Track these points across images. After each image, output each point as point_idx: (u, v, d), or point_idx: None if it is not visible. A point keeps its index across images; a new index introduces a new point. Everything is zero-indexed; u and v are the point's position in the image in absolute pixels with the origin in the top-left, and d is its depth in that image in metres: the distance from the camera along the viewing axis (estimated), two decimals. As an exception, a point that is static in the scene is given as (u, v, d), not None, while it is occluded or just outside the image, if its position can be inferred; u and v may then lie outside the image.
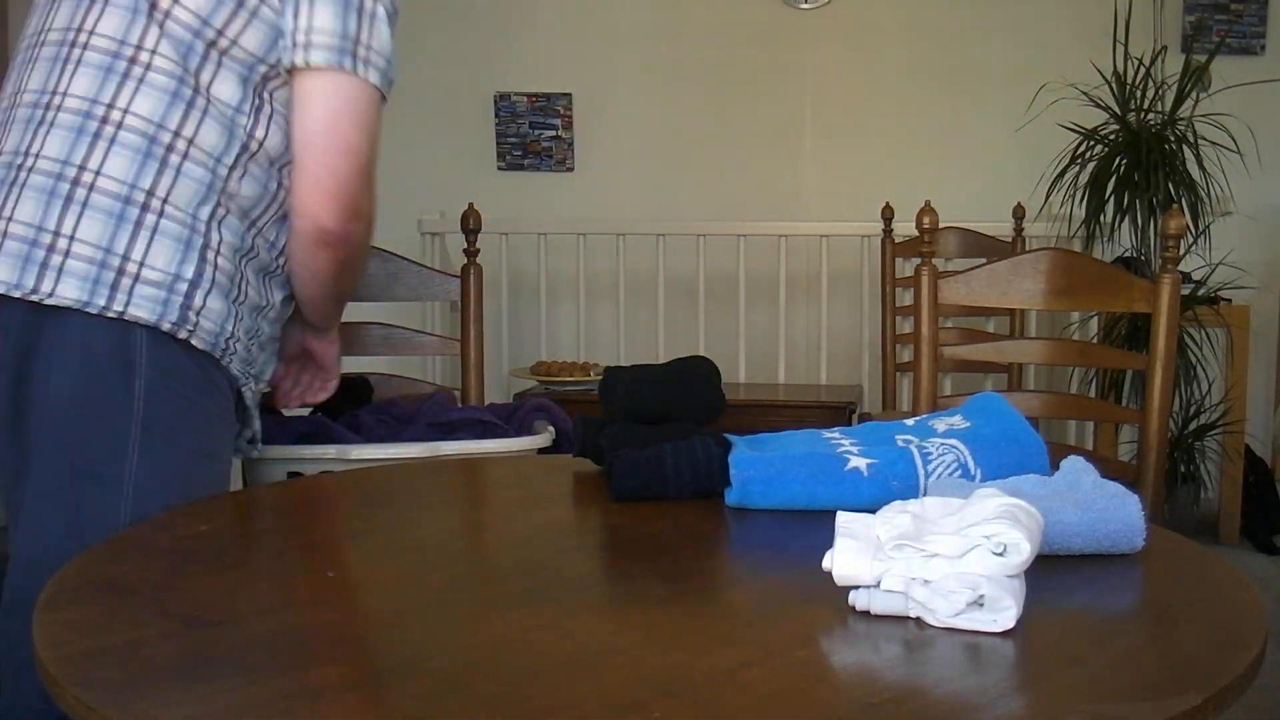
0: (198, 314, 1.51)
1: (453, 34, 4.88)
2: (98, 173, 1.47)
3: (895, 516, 1.12)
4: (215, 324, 1.54)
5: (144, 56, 1.49)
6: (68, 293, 1.45)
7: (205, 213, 1.51)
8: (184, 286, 1.49)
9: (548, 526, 1.46)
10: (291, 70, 1.51)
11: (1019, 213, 3.92)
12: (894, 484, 1.37)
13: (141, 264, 1.47)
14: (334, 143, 1.51)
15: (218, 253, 1.52)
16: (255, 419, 1.71)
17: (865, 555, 1.08)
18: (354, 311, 2.51)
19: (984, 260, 2.43)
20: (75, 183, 1.46)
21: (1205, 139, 3.87)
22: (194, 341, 1.51)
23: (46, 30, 1.55)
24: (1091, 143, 3.94)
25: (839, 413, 3.85)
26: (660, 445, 1.45)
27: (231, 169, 1.53)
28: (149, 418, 1.48)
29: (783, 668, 0.99)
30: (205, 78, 1.50)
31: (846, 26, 4.75)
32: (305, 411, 2.14)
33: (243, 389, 1.64)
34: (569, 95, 4.88)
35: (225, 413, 1.61)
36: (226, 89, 1.51)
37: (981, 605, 1.03)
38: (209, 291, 1.52)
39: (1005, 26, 4.63)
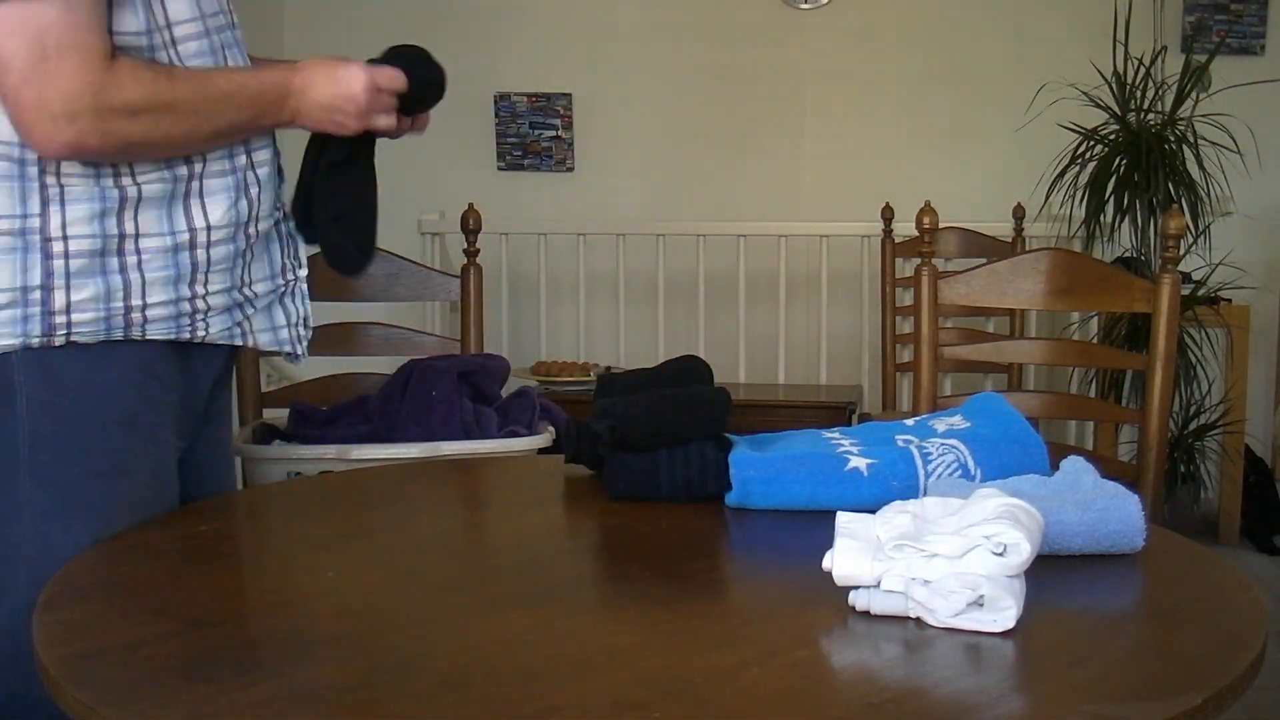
0: (68, 312, 1.36)
1: (453, 34, 4.87)
2: None
3: (895, 516, 1.12)
4: (101, 308, 1.38)
5: None
6: None
7: (34, 205, 1.35)
8: (37, 294, 1.35)
9: (547, 527, 1.46)
10: None
11: (1019, 213, 3.92)
12: (894, 484, 1.37)
13: None
14: None
15: (65, 238, 1.36)
16: (258, 339, 1.54)
17: (865, 555, 1.08)
18: (354, 311, 2.52)
19: (984, 260, 2.43)
20: None
21: (1205, 139, 3.87)
22: (78, 339, 1.37)
23: None
24: (1091, 143, 3.94)
25: (839, 413, 3.85)
26: (658, 450, 1.44)
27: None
28: (35, 438, 1.37)
29: (783, 668, 0.99)
30: None
31: (846, 26, 4.75)
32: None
33: (197, 340, 1.46)
34: (569, 95, 4.88)
35: (140, 386, 1.43)
36: None
37: (981, 605, 1.03)
38: (68, 284, 1.36)
39: (1005, 26, 4.63)
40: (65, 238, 1.36)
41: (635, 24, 4.85)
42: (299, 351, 1.59)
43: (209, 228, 1.44)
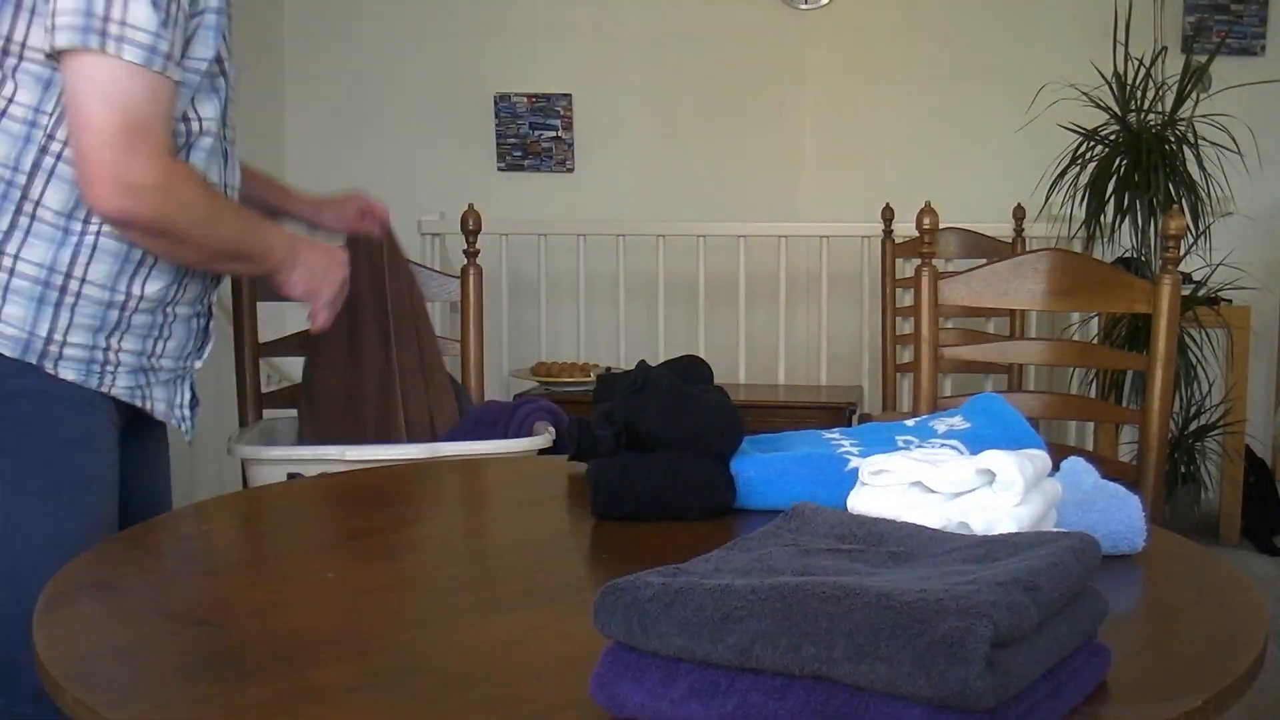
0: None
1: (453, 34, 4.88)
2: None
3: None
4: (21, 330, 1.49)
5: None
6: None
7: (1, 223, 1.48)
8: None
9: (547, 527, 1.46)
10: (54, 56, 1.45)
11: (1019, 213, 3.92)
12: (894, 484, 1.36)
13: None
14: (77, 121, 1.44)
15: (17, 257, 1.48)
16: (153, 405, 1.66)
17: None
18: (354, 312, 2.52)
19: (984, 261, 2.43)
20: None
21: (1205, 139, 3.87)
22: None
23: None
24: (1092, 143, 3.94)
25: (839, 413, 3.85)
26: (656, 469, 1.41)
27: (31, 174, 1.48)
28: None
29: (783, 668, 0.99)
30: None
31: (846, 26, 4.75)
32: None
33: (99, 390, 1.57)
34: (569, 96, 4.89)
35: (75, 410, 1.55)
36: (24, 94, 1.47)
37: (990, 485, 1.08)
38: (4, 299, 1.48)
39: (1005, 26, 4.63)
40: (17, 256, 1.48)
41: (635, 24, 4.85)
42: (184, 429, 1.73)
43: (141, 297, 1.57)
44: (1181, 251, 2.36)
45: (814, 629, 0.78)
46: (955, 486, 1.09)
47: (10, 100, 1.47)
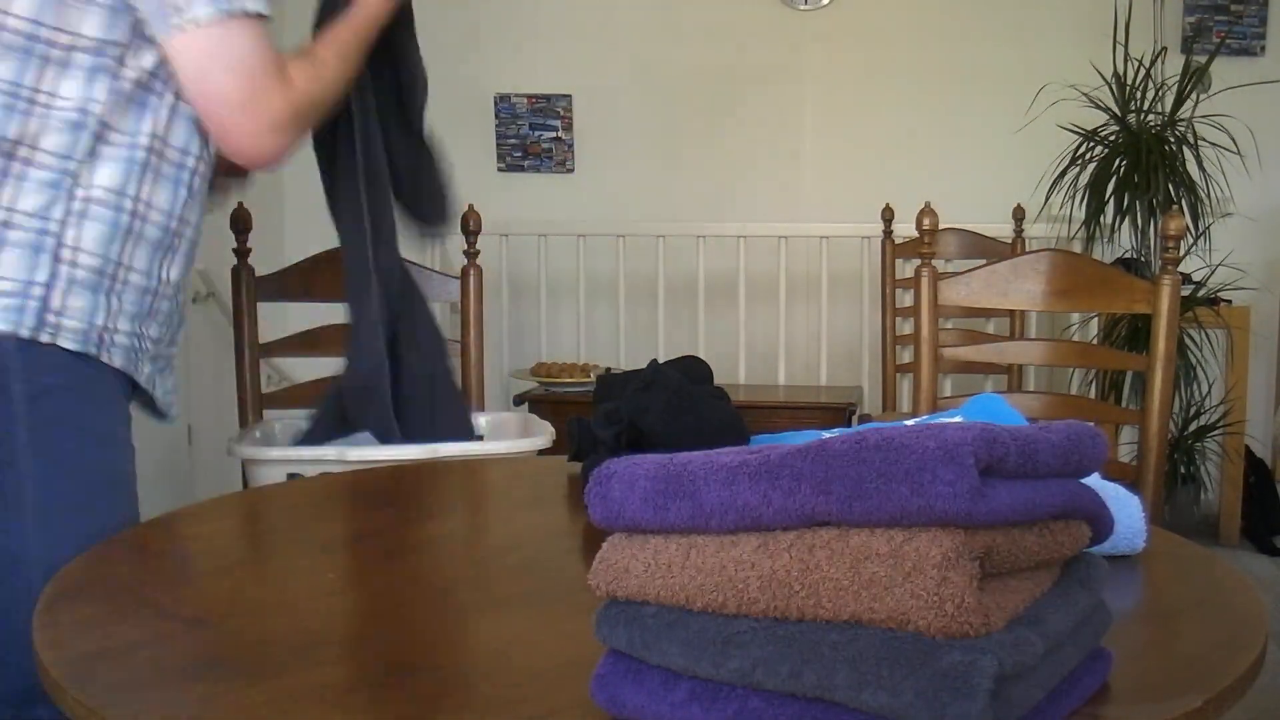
0: (58, 315, 1.45)
1: (453, 34, 4.88)
2: None
3: None
4: (82, 321, 1.46)
5: None
6: None
7: (57, 212, 1.45)
8: (39, 290, 1.43)
9: (547, 527, 1.46)
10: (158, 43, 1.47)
11: (1019, 214, 3.93)
12: (894, 485, 1.36)
13: None
14: (209, 97, 1.49)
15: (77, 249, 1.46)
16: (159, 392, 1.61)
17: None
18: (354, 312, 2.51)
19: (984, 261, 2.43)
20: None
21: (1205, 140, 3.88)
22: (60, 343, 1.45)
23: None
24: (1091, 144, 3.95)
25: (839, 414, 3.85)
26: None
27: (84, 162, 1.45)
28: (33, 417, 1.44)
29: (783, 668, 0.99)
30: (45, 82, 1.44)
31: (846, 27, 4.75)
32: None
33: (135, 378, 1.55)
34: (569, 96, 4.89)
35: (111, 403, 1.53)
36: (70, 86, 1.44)
37: None
38: (68, 290, 1.45)
39: (1005, 27, 4.63)
40: (77, 249, 1.45)
41: (635, 24, 4.85)
42: (173, 414, 1.68)
43: (168, 282, 1.58)
44: (1181, 252, 2.36)
45: (816, 656, 0.77)
46: None
47: (51, 93, 1.43)
